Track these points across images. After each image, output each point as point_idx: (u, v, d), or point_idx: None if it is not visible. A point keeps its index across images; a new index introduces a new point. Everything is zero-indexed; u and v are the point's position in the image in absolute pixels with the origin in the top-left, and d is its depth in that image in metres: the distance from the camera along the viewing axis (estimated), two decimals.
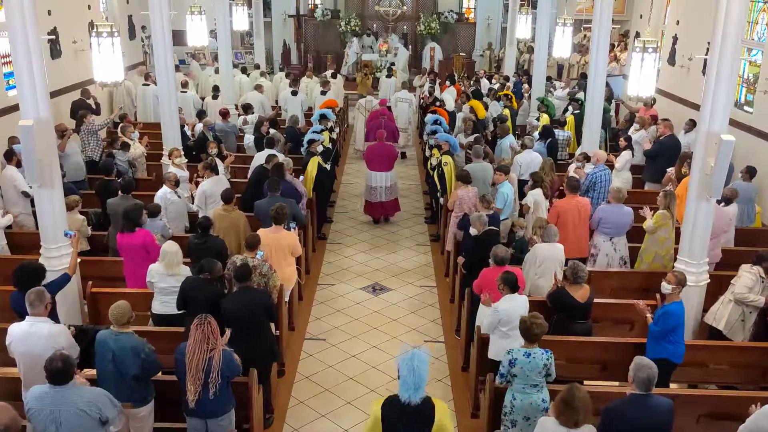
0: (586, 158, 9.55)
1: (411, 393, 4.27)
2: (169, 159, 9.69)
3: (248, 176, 10.12)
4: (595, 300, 6.50)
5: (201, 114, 12.44)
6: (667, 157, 10.41)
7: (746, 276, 6.67)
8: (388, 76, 17.67)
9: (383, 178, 11.04)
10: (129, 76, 15.83)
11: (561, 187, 9.07)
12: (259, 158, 9.95)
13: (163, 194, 8.45)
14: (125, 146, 10.38)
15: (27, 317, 5.22)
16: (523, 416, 5.23)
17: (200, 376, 4.93)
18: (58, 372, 4.39)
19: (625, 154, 10.45)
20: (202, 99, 14.82)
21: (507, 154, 10.87)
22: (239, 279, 6.01)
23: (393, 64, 18.95)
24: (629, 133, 11.46)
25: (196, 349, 4.92)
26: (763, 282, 6.64)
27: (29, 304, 5.19)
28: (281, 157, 9.75)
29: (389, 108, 14.36)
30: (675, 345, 5.97)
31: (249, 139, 12.07)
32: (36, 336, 5.12)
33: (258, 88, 14.73)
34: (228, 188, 8.19)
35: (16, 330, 5.22)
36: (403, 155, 15.21)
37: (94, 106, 12.60)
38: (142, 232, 7.13)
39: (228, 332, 5.50)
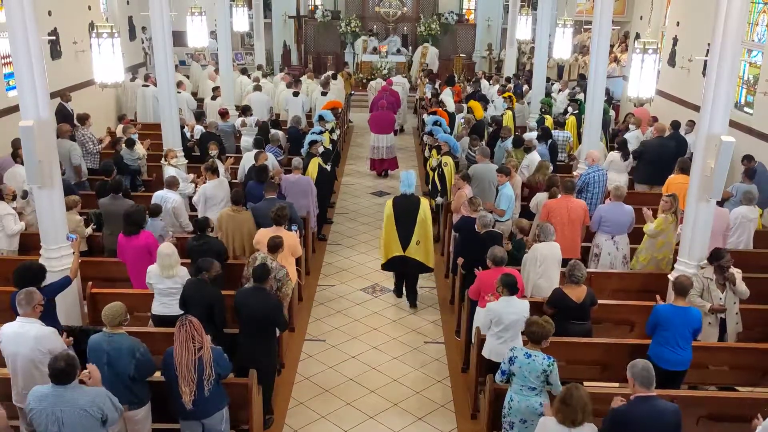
0: None
1: (407, 188, 8.19)
2: (165, 160, 9.65)
3: (238, 176, 10.19)
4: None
5: (200, 116, 12.41)
6: (650, 158, 10.72)
7: (694, 281, 6.67)
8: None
9: (383, 139, 13.74)
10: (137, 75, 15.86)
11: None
12: (249, 158, 9.96)
13: (163, 194, 8.39)
14: (130, 143, 10.31)
15: (17, 317, 5.20)
16: (519, 419, 5.22)
17: (193, 377, 4.90)
18: (62, 372, 4.37)
19: (609, 156, 10.66)
20: (201, 100, 14.79)
21: None
22: (256, 278, 5.99)
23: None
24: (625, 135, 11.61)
25: (183, 349, 4.89)
26: (722, 280, 6.55)
27: (18, 304, 5.18)
28: (271, 157, 9.82)
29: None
30: (656, 346, 5.95)
31: (247, 141, 12.03)
32: (23, 337, 5.08)
33: (257, 88, 14.56)
34: (237, 190, 8.17)
35: (7, 330, 5.19)
36: (401, 129, 17.63)
37: (71, 111, 11.97)
38: (144, 233, 7.12)
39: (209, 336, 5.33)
